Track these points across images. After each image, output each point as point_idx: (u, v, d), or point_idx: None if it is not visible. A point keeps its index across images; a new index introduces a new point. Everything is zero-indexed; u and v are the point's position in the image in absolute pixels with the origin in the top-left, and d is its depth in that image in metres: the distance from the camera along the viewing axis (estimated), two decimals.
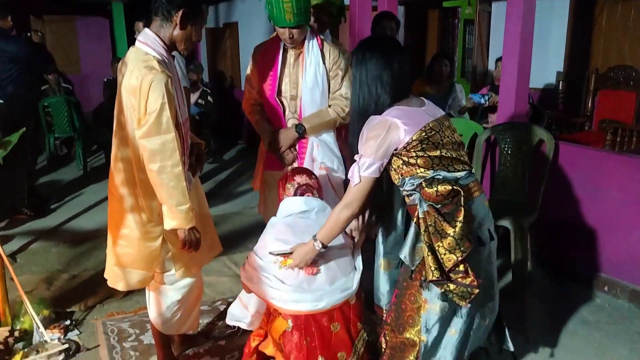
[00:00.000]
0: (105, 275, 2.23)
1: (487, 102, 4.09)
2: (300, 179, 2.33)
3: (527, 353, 2.54)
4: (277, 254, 2.07)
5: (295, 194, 2.31)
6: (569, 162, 3.24)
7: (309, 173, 2.39)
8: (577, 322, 2.82)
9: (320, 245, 1.96)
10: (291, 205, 2.29)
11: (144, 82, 1.91)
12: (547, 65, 5.37)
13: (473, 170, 1.92)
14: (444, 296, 1.77)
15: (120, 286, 2.18)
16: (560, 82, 5.29)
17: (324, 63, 2.64)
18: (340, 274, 2.09)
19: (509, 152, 3.42)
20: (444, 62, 4.41)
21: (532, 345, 2.59)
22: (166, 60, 2.02)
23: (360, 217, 2.17)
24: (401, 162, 1.83)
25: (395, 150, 1.82)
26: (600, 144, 4.27)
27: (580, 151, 3.27)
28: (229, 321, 2.25)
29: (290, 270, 2.04)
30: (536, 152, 3.34)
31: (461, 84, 5.24)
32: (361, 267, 2.15)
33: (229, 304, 3.03)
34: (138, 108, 1.94)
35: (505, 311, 2.83)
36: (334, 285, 2.05)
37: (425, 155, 1.79)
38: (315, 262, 2.04)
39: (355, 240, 2.23)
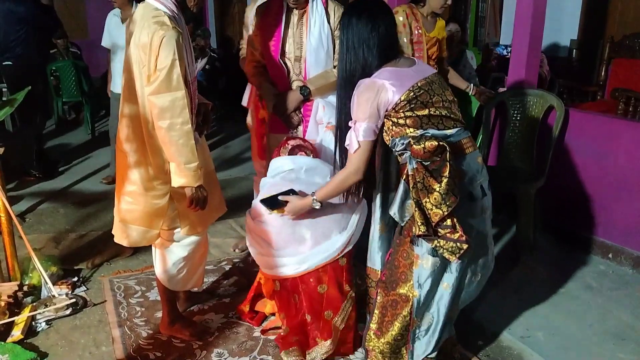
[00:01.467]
0: (113, 231, 2.26)
1: (509, 54, 4.05)
2: (294, 142, 2.40)
3: (529, 315, 2.56)
4: (269, 206, 2.13)
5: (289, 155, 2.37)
6: (577, 128, 3.20)
7: (302, 138, 2.48)
8: (580, 286, 2.82)
9: (319, 205, 2.05)
10: (278, 164, 2.35)
11: (154, 38, 1.88)
12: (561, 32, 5.26)
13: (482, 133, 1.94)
14: (434, 251, 1.81)
15: (124, 242, 2.20)
16: (574, 50, 5.19)
17: (328, 23, 2.60)
18: (328, 235, 2.17)
19: (518, 118, 3.38)
20: (455, 28, 4.33)
21: (534, 308, 2.61)
22: (177, 16, 2.00)
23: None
24: (391, 123, 1.86)
25: (386, 111, 1.85)
26: (612, 113, 4.20)
27: (589, 117, 3.23)
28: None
29: (279, 231, 2.16)
30: (545, 118, 3.30)
31: (473, 52, 5.16)
32: (353, 228, 2.20)
33: (234, 264, 3.09)
34: (148, 64, 1.92)
35: (509, 274, 2.87)
36: (316, 249, 2.15)
37: (413, 115, 1.82)
38: (306, 213, 2.13)
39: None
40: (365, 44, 1.87)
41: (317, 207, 2.06)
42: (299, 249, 2.16)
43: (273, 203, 2.13)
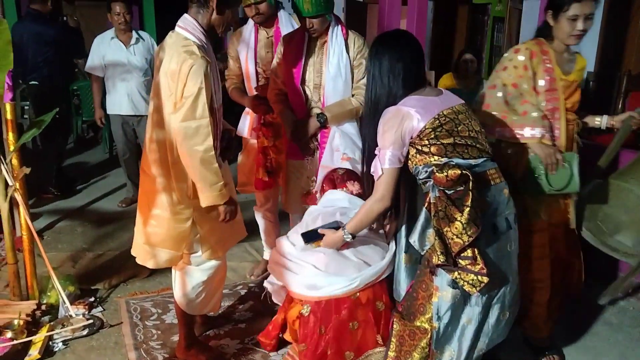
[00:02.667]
0: (134, 253, 2.28)
1: None
2: (352, 188, 2.46)
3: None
4: (308, 239, 2.18)
5: None
6: (594, 160, 3.17)
7: (360, 183, 2.46)
8: (599, 323, 2.79)
9: (350, 237, 2.06)
10: (335, 198, 2.40)
11: (183, 66, 1.93)
12: None
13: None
14: (455, 283, 1.79)
15: (149, 264, 2.23)
16: (591, 82, 5.19)
17: (347, 52, 2.66)
18: (370, 262, 2.16)
19: None
20: (470, 58, 4.38)
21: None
22: (205, 46, 2.05)
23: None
24: (415, 150, 1.87)
25: (410, 138, 1.86)
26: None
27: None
28: (266, 284, 2.37)
29: (322, 255, 2.13)
30: None
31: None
32: (391, 256, 2.19)
33: (249, 288, 3.08)
34: (175, 92, 1.97)
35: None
36: (366, 269, 2.13)
37: (438, 142, 1.82)
38: (345, 244, 2.15)
39: (386, 229, 2.27)
40: (391, 72, 1.91)
41: (349, 240, 2.07)
42: (351, 275, 2.14)
43: (311, 236, 2.18)
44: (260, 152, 2.98)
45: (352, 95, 2.70)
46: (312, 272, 2.13)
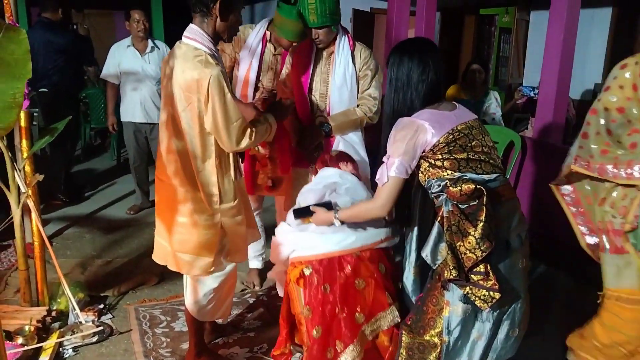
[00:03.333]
0: (161, 261, 2.28)
1: (536, 96, 4.06)
2: (345, 168, 2.41)
3: (546, 354, 2.51)
4: (298, 214, 2.17)
5: None
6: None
7: (354, 164, 2.43)
8: None
9: (339, 223, 2.05)
10: (326, 175, 2.36)
11: (201, 77, 1.95)
12: (585, 76, 5.30)
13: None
14: (466, 298, 1.78)
15: (183, 271, 2.23)
16: (598, 94, 5.21)
17: (353, 63, 2.68)
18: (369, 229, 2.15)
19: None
20: (478, 68, 4.40)
21: (552, 348, 2.54)
22: (215, 54, 2.07)
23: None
24: (427, 164, 1.85)
25: (423, 152, 1.84)
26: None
27: None
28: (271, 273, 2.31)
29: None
30: None
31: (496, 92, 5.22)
32: (392, 230, 2.18)
33: (258, 296, 3.08)
34: (196, 102, 1.99)
35: (542, 324, 2.80)
36: (359, 232, 2.10)
37: (451, 157, 1.81)
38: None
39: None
40: (414, 86, 1.88)
41: (338, 225, 2.04)
42: (344, 231, 2.10)
43: (302, 212, 2.16)
44: (254, 160, 2.92)
45: (357, 106, 2.73)
46: (308, 236, 2.12)
